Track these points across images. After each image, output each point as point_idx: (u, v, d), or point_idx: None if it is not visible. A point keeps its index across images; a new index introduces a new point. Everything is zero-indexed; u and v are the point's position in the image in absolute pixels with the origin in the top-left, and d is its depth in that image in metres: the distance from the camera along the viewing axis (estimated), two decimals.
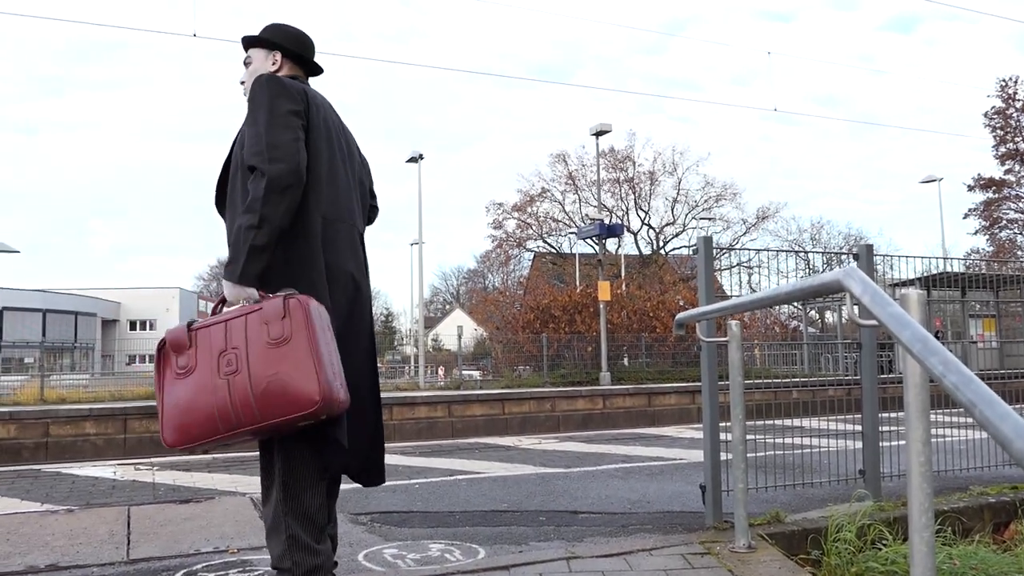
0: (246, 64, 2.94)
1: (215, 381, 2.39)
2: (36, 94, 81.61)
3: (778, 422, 5.34)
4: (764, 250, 4.88)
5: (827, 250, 38.07)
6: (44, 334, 39.53)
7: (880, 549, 3.77)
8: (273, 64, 2.91)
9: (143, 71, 79.55)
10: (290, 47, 2.94)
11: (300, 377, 2.34)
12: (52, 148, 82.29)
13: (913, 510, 2.02)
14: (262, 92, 2.63)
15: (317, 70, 3.04)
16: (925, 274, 7.75)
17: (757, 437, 4.79)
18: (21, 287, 45.41)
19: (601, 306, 16.75)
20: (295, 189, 2.51)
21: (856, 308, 2.12)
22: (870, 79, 73.36)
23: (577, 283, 30.85)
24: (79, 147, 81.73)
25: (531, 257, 46.78)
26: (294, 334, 2.37)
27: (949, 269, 9.24)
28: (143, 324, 54.84)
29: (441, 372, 23.41)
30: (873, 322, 1.92)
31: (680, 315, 4.00)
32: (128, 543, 3.82)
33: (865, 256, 4.70)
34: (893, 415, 5.06)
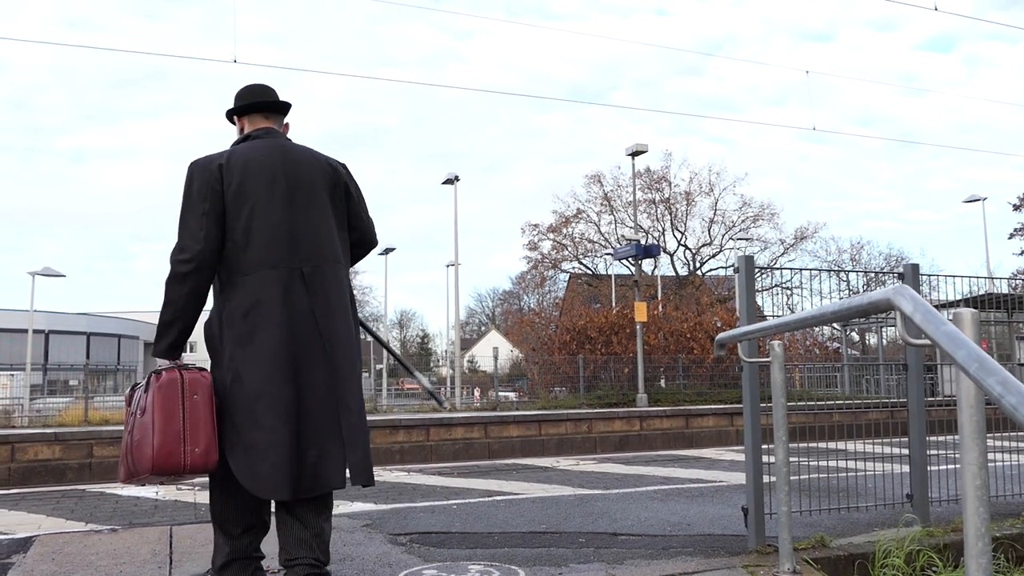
0: None
1: (124, 435, 3.05)
2: (83, 123, 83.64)
3: (818, 445, 5.25)
4: (808, 269, 4.79)
5: (871, 270, 37.54)
6: (88, 357, 40.26)
7: None
8: (240, 129, 3.34)
9: (184, 98, 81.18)
10: (238, 104, 3.33)
11: (143, 444, 2.90)
12: (97, 175, 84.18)
13: (969, 535, 1.96)
14: (185, 180, 3.10)
15: (275, 107, 3.34)
16: (969, 295, 7.60)
17: (800, 460, 4.71)
18: (66, 311, 46.33)
19: (638, 327, 16.65)
20: (194, 275, 2.99)
21: (905, 327, 2.07)
22: (910, 99, 72.56)
23: (613, 304, 30.74)
24: (122, 174, 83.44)
25: (566, 278, 46.74)
26: (147, 407, 2.91)
27: (995, 290, 9.03)
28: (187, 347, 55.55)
29: (477, 393, 23.41)
30: (925, 341, 1.88)
31: (721, 335, 3.96)
32: (170, 563, 3.85)
33: (911, 275, 4.62)
34: (938, 439, 4.95)
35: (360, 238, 3.38)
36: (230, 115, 3.36)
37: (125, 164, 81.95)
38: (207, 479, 3.17)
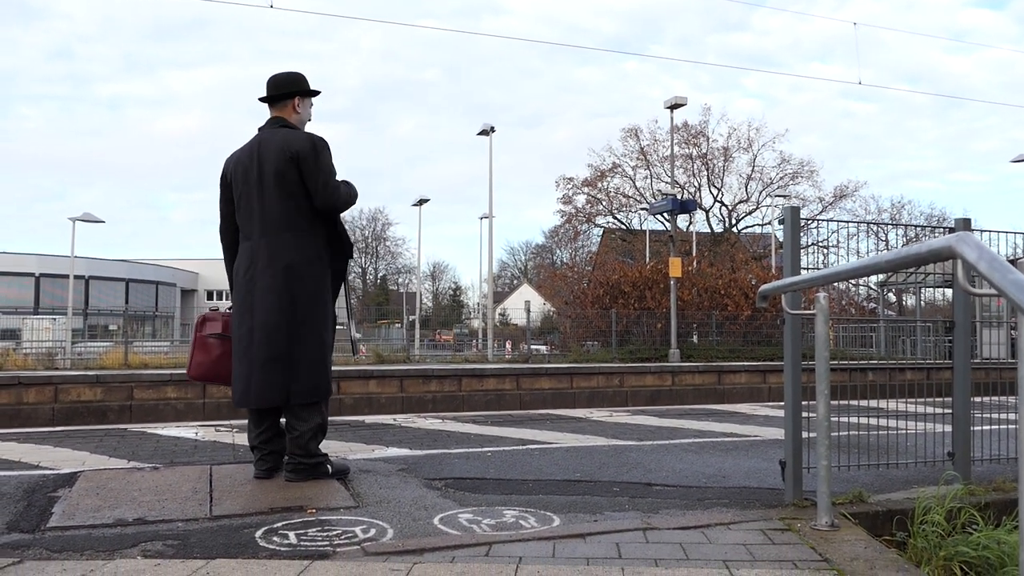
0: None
1: None
2: (122, 73, 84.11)
3: (858, 403, 5.18)
4: (857, 222, 4.65)
5: (918, 224, 36.80)
6: (127, 302, 41.01)
7: (971, 534, 3.62)
8: None
9: (222, 48, 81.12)
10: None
11: None
12: (135, 124, 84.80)
13: None
14: None
15: (266, 99, 4.43)
16: (1012, 256, 7.42)
17: (841, 418, 4.65)
18: (106, 257, 47.06)
19: (672, 282, 16.54)
20: (222, 238, 4.51)
21: (966, 277, 2.00)
22: (959, 56, 70.48)
23: (647, 260, 30.53)
24: (160, 124, 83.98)
25: (600, 233, 46.46)
26: None
27: None
28: (219, 294, 56.33)
29: (508, 346, 23.48)
30: (988, 291, 1.81)
31: (765, 286, 3.89)
32: (211, 500, 3.91)
33: (962, 231, 4.48)
34: (977, 400, 4.84)
35: (321, 204, 4.23)
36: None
37: (163, 114, 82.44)
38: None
